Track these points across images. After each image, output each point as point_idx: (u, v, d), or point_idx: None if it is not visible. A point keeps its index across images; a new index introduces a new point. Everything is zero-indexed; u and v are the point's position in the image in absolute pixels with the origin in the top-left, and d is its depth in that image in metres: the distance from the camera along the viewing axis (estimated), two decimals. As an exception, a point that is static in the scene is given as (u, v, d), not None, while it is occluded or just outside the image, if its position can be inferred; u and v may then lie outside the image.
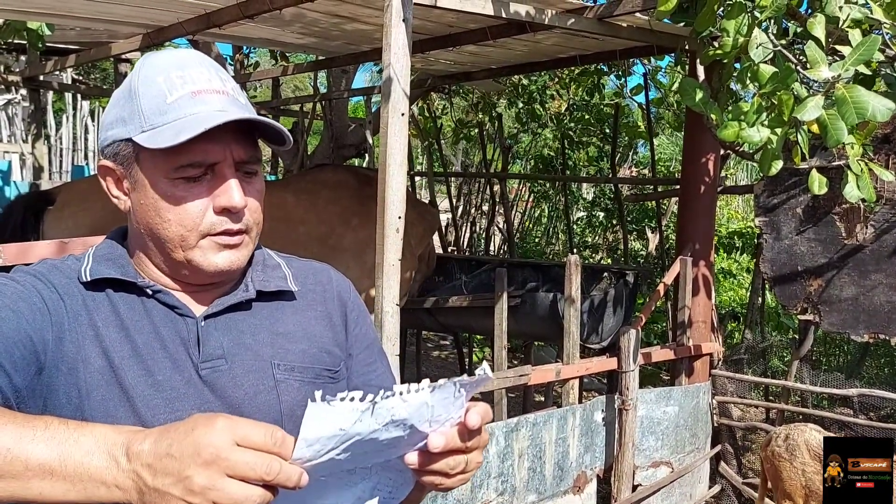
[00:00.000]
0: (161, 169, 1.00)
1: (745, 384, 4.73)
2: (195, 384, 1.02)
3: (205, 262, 1.02)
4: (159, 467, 0.75)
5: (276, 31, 4.41)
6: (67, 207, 4.07)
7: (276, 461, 0.74)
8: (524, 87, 8.31)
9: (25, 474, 0.77)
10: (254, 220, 1.05)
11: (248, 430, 0.76)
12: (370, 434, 0.79)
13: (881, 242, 4.03)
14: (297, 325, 1.12)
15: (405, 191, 2.85)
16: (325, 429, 0.75)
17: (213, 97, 1.00)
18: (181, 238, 1.01)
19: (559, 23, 3.53)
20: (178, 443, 0.75)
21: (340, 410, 0.75)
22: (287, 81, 14.73)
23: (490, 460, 3.35)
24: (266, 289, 1.10)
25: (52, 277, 1.03)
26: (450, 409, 0.84)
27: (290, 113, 8.25)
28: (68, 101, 12.53)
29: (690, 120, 4.56)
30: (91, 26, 4.54)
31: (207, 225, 1.01)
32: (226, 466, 0.73)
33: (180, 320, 1.04)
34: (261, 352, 1.07)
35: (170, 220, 1.00)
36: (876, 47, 2.39)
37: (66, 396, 0.97)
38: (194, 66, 1.02)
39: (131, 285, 1.04)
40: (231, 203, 1.00)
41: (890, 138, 3.97)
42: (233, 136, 1.01)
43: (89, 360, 0.98)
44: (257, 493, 0.74)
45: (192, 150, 0.98)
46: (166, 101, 0.99)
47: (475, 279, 5.55)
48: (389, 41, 2.74)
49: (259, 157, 1.06)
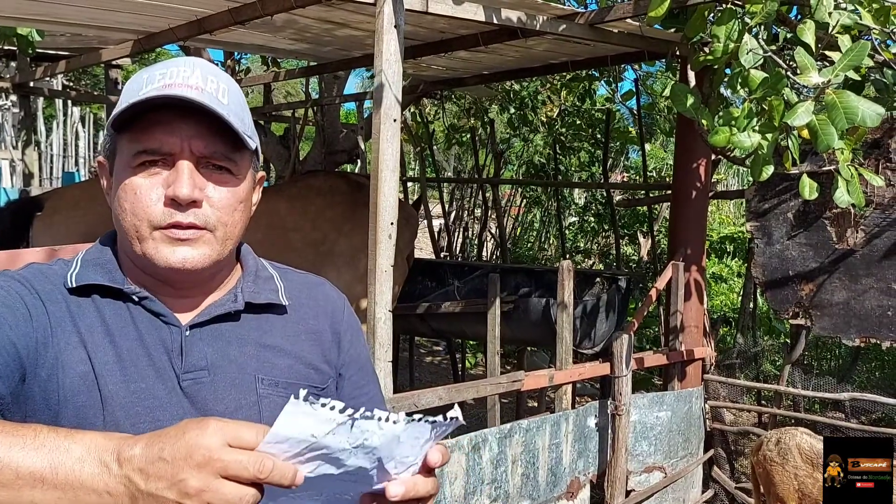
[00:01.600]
0: (126, 158, 1.00)
1: (738, 388, 4.74)
2: (176, 394, 1.01)
3: (157, 255, 1.00)
4: (152, 471, 0.74)
5: (268, 36, 4.40)
6: (57, 214, 4.04)
7: (268, 460, 0.74)
8: (516, 92, 8.33)
9: (16, 483, 0.76)
10: (217, 218, 1.01)
11: (239, 431, 0.75)
12: (337, 453, 0.77)
13: (872, 247, 4.05)
14: (286, 340, 1.10)
15: (397, 197, 2.85)
16: (297, 430, 0.74)
17: (182, 90, 0.97)
18: (135, 228, 1.00)
19: (550, 29, 3.54)
20: (170, 446, 0.74)
21: (319, 416, 0.74)
22: (278, 87, 14.72)
23: (483, 466, 3.34)
24: (256, 301, 1.08)
25: (37, 283, 1.02)
26: (416, 452, 0.82)
27: (281, 119, 8.24)
28: (59, 108, 12.48)
29: (682, 125, 4.57)
30: (81, 32, 4.52)
31: (157, 216, 0.98)
32: (219, 468, 0.73)
33: (165, 328, 1.03)
34: (245, 365, 1.05)
35: (126, 209, 1.00)
36: (865, 53, 2.41)
37: (44, 402, 0.96)
38: (181, 66, 1.01)
39: (118, 291, 1.03)
40: (176, 193, 0.97)
41: (880, 143, 3.99)
42: (195, 129, 0.98)
43: (70, 366, 0.97)
44: (250, 492, 0.74)
45: (148, 138, 0.98)
46: (138, 93, 0.98)
47: (468, 284, 5.54)
48: (381, 47, 2.74)
49: (235, 157, 1.03)
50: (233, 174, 1.03)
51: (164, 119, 0.97)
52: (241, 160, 1.04)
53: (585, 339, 4.93)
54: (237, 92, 1.05)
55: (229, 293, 1.09)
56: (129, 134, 0.99)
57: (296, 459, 0.76)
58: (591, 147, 9.40)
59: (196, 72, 1.00)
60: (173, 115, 0.98)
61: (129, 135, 0.99)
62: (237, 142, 1.02)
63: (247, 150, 1.04)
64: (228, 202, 1.02)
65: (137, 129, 0.98)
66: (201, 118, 0.98)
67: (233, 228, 1.04)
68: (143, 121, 0.98)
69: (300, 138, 6.91)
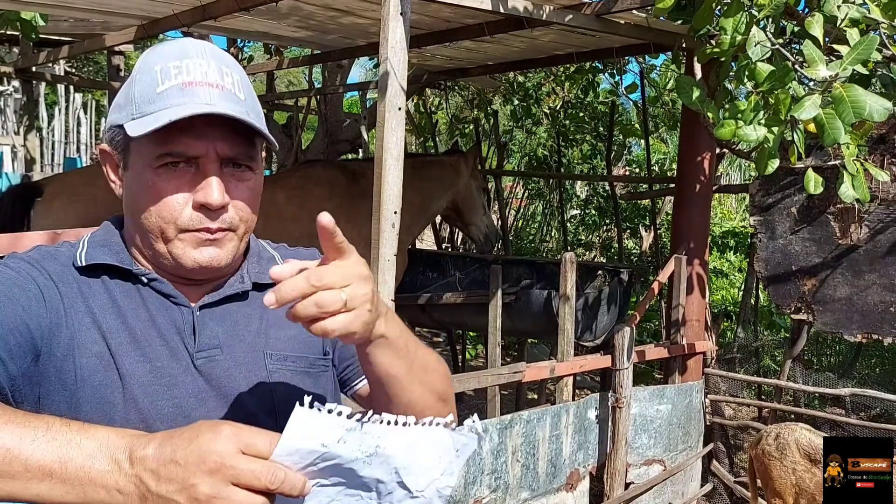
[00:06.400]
0: (146, 158, 0.99)
1: (738, 383, 4.74)
2: (191, 373, 1.01)
3: (184, 256, 1.01)
4: (164, 473, 0.74)
5: (272, 23, 4.38)
6: (57, 199, 4.04)
7: (280, 470, 0.74)
8: (519, 84, 8.30)
9: (25, 475, 0.76)
10: (240, 217, 1.03)
11: (252, 439, 0.75)
12: (350, 463, 0.76)
13: (875, 243, 4.04)
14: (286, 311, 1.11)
15: (401, 186, 2.83)
16: (307, 439, 0.73)
17: (203, 90, 0.97)
18: (160, 230, 1.00)
19: (557, 19, 3.52)
20: (183, 449, 0.74)
21: (326, 422, 0.73)
22: (281, 76, 14.69)
23: (484, 457, 3.35)
24: (262, 281, 1.09)
25: (47, 264, 1.02)
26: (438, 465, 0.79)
27: (284, 107, 8.22)
28: (61, 94, 12.46)
29: (686, 118, 4.56)
30: (85, 17, 4.51)
31: (185, 220, 0.99)
32: (231, 475, 0.73)
33: (175, 309, 1.04)
34: (254, 343, 1.07)
35: (150, 210, 0.99)
36: (874, 47, 2.39)
37: (60, 382, 0.96)
38: (194, 57, 1.00)
39: (126, 272, 1.03)
40: (207, 200, 0.98)
41: (885, 139, 3.98)
42: (220, 131, 0.98)
43: (86, 346, 0.97)
44: (260, 501, 0.73)
45: (173, 141, 0.97)
46: (156, 91, 0.97)
47: (469, 276, 5.54)
48: (387, 35, 2.72)
49: (254, 154, 1.04)
50: (252, 171, 1.04)
51: (189, 123, 0.96)
52: (258, 154, 1.05)
53: (587, 332, 4.93)
54: (247, 81, 1.05)
55: (237, 274, 1.10)
56: (151, 134, 0.97)
57: (308, 470, 0.75)
58: (594, 140, 9.38)
59: (212, 65, 0.99)
60: (197, 119, 0.96)
61: (151, 135, 0.97)
62: (255, 136, 1.02)
63: (261, 140, 1.05)
64: (250, 199, 1.04)
65: (160, 130, 0.96)
66: (224, 120, 0.98)
67: (251, 223, 1.06)
68: None
69: (303, 127, 6.90)
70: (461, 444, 0.79)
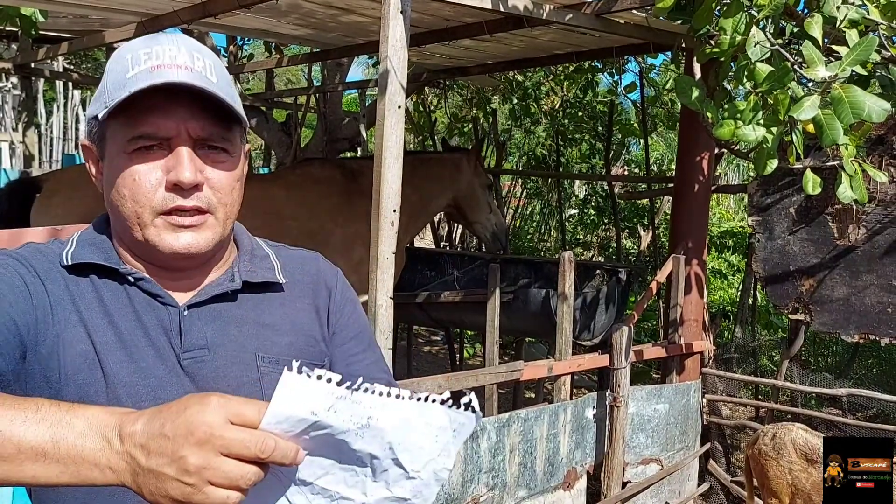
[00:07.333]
0: (119, 143, 0.99)
1: (735, 383, 4.75)
2: (177, 373, 1.01)
3: (160, 242, 1.00)
4: (153, 447, 0.74)
5: (272, 21, 4.38)
6: (55, 195, 4.04)
7: (269, 438, 0.73)
8: (518, 83, 8.30)
9: (18, 457, 0.76)
10: (218, 199, 1.01)
11: (241, 408, 0.74)
12: (342, 434, 0.74)
13: (873, 243, 4.05)
14: (284, 318, 1.10)
15: (401, 184, 2.84)
16: (297, 406, 0.72)
17: (172, 71, 0.96)
18: (136, 215, 0.99)
19: (556, 18, 3.52)
20: (171, 422, 0.74)
21: (315, 389, 0.71)
22: (280, 74, 14.67)
23: (481, 455, 3.35)
24: (253, 279, 1.08)
25: (34, 261, 1.01)
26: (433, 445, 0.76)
27: (283, 105, 8.21)
28: (59, 90, 12.43)
29: (685, 118, 4.56)
30: (84, 14, 4.50)
31: (159, 201, 0.98)
32: (220, 445, 0.72)
33: (162, 309, 1.03)
34: (245, 343, 1.05)
35: (125, 195, 0.99)
36: (873, 48, 2.40)
37: (44, 380, 0.96)
38: (164, 43, 0.99)
39: (114, 272, 1.03)
40: (179, 178, 0.97)
41: (884, 139, 3.99)
42: (188, 111, 0.97)
43: (72, 344, 0.97)
44: (252, 470, 0.73)
45: (143, 122, 0.96)
46: (126, 76, 0.97)
47: (467, 274, 5.54)
48: (387, 33, 2.72)
49: (230, 137, 1.02)
50: (228, 153, 1.03)
51: (157, 103, 0.96)
52: (234, 138, 1.04)
53: (584, 331, 4.93)
54: (222, 67, 1.04)
55: (226, 273, 1.09)
56: (122, 119, 0.97)
57: (300, 440, 0.75)
58: (593, 139, 9.38)
59: (182, 49, 0.99)
60: (165, 98, 0.96)
61: (122, 119, 0.97)
62: (229, 119, 1.01)
63: (238, 126, 1.04)
64: (227, 182, 1.02)
65: (130, 113, 0.96)
66: (193, 99, 0.97)
67: (232, 208, 1.04)
68: (134, 105, 0.96)
69: (302, 125, 6.89)
70: (458, 424, 0.77)
